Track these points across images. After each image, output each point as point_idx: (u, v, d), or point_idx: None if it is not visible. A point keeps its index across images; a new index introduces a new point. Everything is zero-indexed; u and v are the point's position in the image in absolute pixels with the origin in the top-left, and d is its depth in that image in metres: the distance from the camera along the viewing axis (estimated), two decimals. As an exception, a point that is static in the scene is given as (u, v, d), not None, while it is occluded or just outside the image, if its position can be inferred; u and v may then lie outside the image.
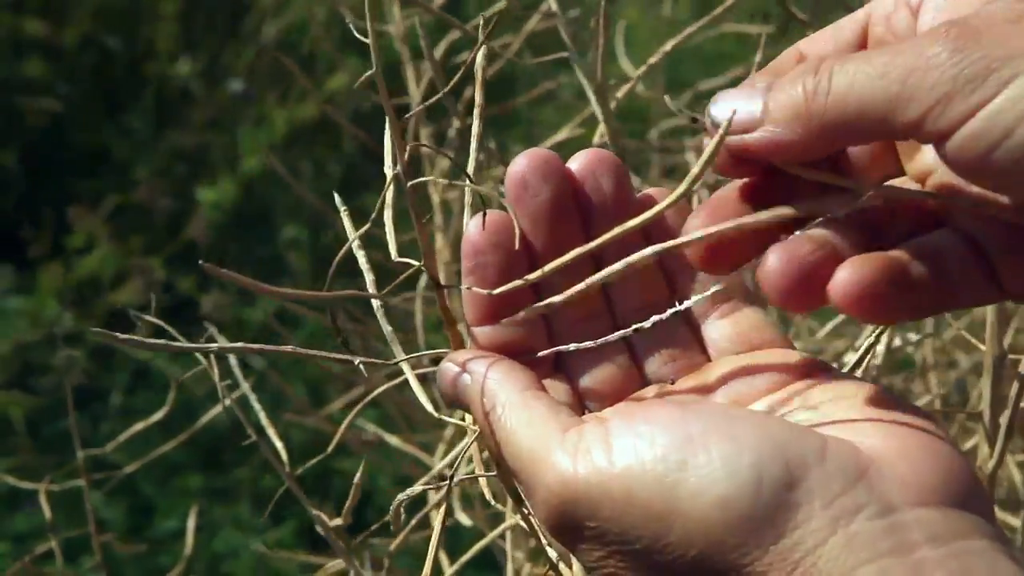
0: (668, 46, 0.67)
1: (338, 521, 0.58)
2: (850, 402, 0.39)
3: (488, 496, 0.48)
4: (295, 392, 1.59)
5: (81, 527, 0.82)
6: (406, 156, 0.41)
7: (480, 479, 0.48)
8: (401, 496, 0.43)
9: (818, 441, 0.36)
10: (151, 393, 1.60)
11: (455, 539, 0.92)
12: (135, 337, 0.41)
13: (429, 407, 0.45)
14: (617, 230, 0.40)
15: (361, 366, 0.42)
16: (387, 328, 0.44)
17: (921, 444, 0.36)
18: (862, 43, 0.41)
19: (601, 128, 0.66)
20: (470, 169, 0.44)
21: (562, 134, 0.83)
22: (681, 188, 0.38)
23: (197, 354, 0.58)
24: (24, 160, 2.01)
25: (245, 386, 0.60)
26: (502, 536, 0.65)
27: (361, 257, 0.45)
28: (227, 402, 0.59)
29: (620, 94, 0.67)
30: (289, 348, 0.42)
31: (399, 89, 0.91)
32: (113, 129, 2.08)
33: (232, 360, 0.61)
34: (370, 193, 1.99)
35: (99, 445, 0.84)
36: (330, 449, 0.60)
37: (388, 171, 0.44)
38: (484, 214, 0.43)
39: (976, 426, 0.59)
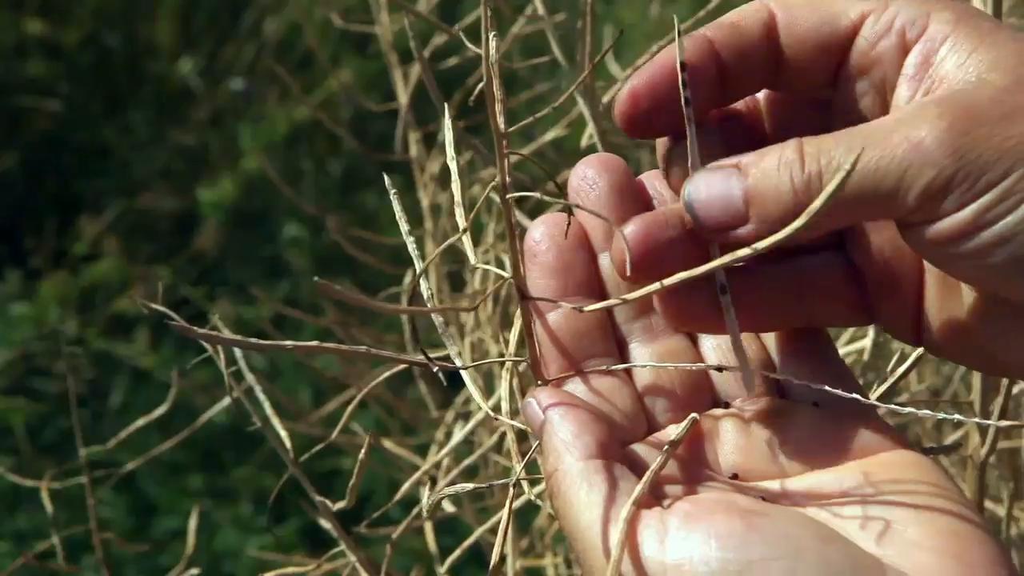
0: (652, 50, 0.68)
1: (341, 504, 0.58)
2: (925, 504, 0.38)
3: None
4: (297, 392, 1.60)
5: (81, 526, 0.82)
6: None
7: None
8: (397, 497, 0.43)
9: None
10: (151, 393, 1.61)
11: (455, 537, 0.92)
12: (213, 333, 0.40)
13: (489, 411, 0.45)
14: (707, 267, 0.38)
15: (441, 374, 0.42)
16: (446, 332, 0.44)
17: None
18: (847, 41, 0.41)
19: (590, 128, 0.66)
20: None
21: (550, 134, 0.83)
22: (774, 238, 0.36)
23: (204, 344, 0.58)
24: (25, 160, 2.01)
25: (250, 377, 0.60)
26: (493, 531, 0.66)
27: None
28: (234, 394, 0.59)
29: (607, 97, 0.67)
30: (363, 349, 0.42)
31: (390, 93, 0.91)
32: (114, 128, 2.09)
33: (237, 353, 0.61)
34: (370, 192, 1.99)
35: (100, 445, 0.84)
36: (330, 438, 0.60)
37: (452, 164, 0.44)
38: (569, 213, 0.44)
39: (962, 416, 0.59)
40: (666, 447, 0.40)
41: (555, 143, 0.92)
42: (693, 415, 0.42)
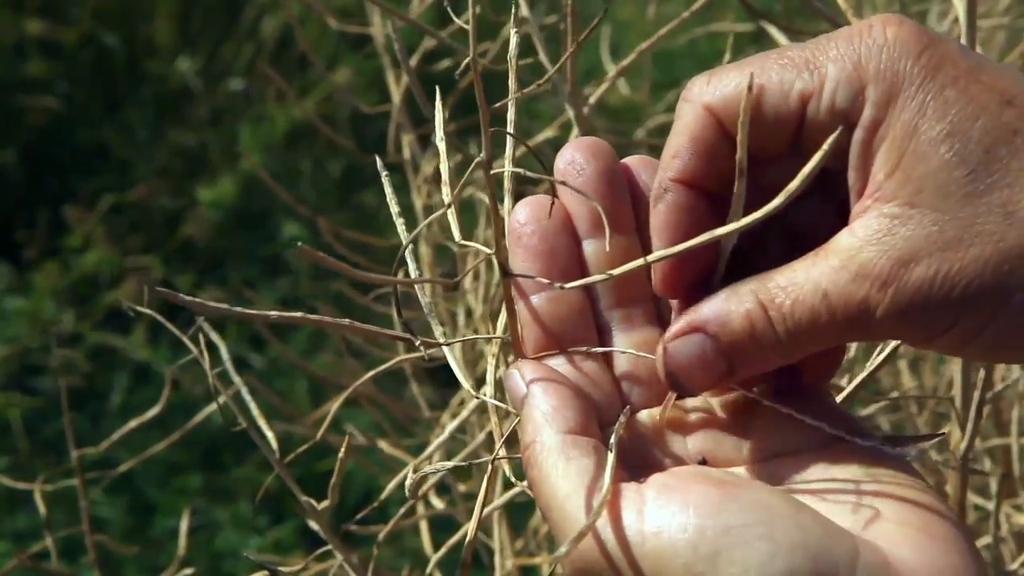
0: (639, 48, 0.68)
1: (325, 503, 0.58)
2: (888, 490, 0.39)
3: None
4: (295, 392, 1.60)
5: (79, 526, 0.82)
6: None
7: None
8: (384, 495, 0.43)
9: (850, 548, 0.36)
10: (151, 392, 1.61)
11: (452, 534, 0.93)
12: (204, 302, 0.40)
13: (470, 388, 0.45)
14: (747, 220, 0.38)
15: (421, 347, 0.43)
16: (429, 312, 0.45)
17: (952, 565, 0.36)
18: (798, 119, 0.41)
19: (575, 131, 0.67)
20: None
21: (544, 134, 0.84)
22: (795, 182, 0.37)
23: (191, 347, 0.59)
24: (24, 159, 2.02)
25: (238, 380, 0.61)
26: (486, 531, 0.66)
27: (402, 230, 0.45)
28: (222, 399, 0.60)
29: (594, 98, 0.68)
30: (346, 322, 0.42)
31: (385, 95, 0.91)
32: (113, 127, 2.09)
33: (225, 356, 0.62)
34: (369, 191, 1.99)
35: (99, 444, 0.84)
36: (316, 438, 0.60)
37: (440, 144, 0.44)
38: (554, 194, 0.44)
39: (949, 411, 0.60)
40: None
41: (553, 143, 0.92)
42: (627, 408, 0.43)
